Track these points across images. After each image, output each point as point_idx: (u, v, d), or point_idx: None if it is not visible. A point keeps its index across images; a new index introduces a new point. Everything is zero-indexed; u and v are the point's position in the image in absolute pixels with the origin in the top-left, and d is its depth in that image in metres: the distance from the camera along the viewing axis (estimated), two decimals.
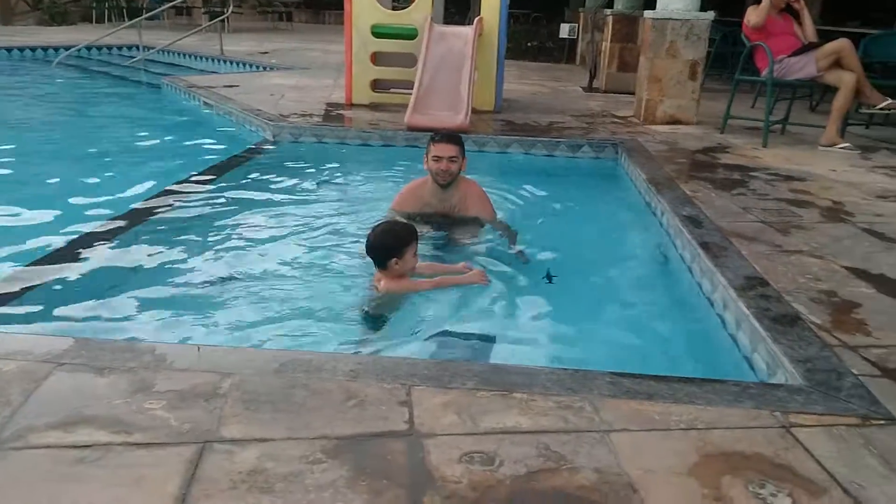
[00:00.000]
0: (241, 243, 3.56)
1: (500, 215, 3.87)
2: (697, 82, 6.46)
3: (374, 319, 2.85)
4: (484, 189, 3.87)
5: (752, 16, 5.68)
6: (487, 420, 1.77)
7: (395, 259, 2.88)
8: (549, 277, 3.21)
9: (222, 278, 3.14)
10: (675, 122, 6.49)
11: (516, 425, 1.75)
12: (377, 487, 1.51)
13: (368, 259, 2.98)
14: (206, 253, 3.41)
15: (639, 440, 1.72)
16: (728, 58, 8.88)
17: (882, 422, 1.85)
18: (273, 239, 3.63)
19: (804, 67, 5.55)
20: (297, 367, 1.99)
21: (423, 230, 3.50)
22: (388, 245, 2.89)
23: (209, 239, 3.59)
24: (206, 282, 3.09)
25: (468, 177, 3.83)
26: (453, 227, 3.70)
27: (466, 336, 2.69)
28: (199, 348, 2.17)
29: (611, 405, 1.86)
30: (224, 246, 3.52)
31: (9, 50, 11.98)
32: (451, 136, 3.70)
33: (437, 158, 3.60)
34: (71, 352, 2.03)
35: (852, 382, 2.03)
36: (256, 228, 3.77)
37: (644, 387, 1.96)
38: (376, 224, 3.07)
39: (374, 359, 2.10)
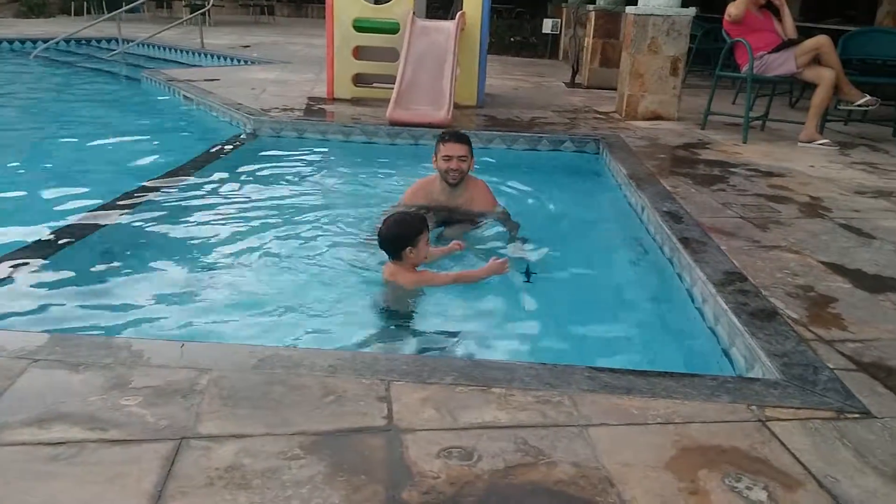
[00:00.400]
0: (221, 237, 3.53)
1: (500, 208, 3.90)
2: (679, 78, 6.50)
3: (395, 314, 2.86)
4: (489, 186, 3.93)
5: (732, 8, 5.71)
6: (466, 415, 1.77)
7: (409, 248, 2.89)
8: (527, 275, 3.22)
9: (201, 273, 3.12)
10: (656, 117, 6.52)
11: (495, 420, 1.76)
12: (355, 483, 1.50)
13: (374, 251, 2.97)
14: (185, 247, 3.38)
15: (617, 434, 1.73)
16: (710, 54, 8.92)
17: (857, 415, 1.87)
18: (253, 233, 3.60)
19: (784, 64, 5.60)
20: (276, 363, 1.98)
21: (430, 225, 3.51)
22: (402, 235, 2.90)
23: (188, 233, 3.56)
24: (184, 277, 3.07)
25: (475, 176, 3.88)
26: (459, 222, 3.76)
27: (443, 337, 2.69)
28: (177, 344, 2.15)
29: (589, 400, 1.87)
30: (203, 240, 3.49)
31: None
32: (461, 136, 3.75)
33: (448, 158, 3.65)
34: (46, 348, 2.01)
35: (828, 376, 2.05)
36: (235, 223, 3.75)
37: (623, 381, 1.97)
38: (386, 215, 3.02)
39: (352, 354, 2.09)
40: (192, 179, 4.35)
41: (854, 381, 2.03)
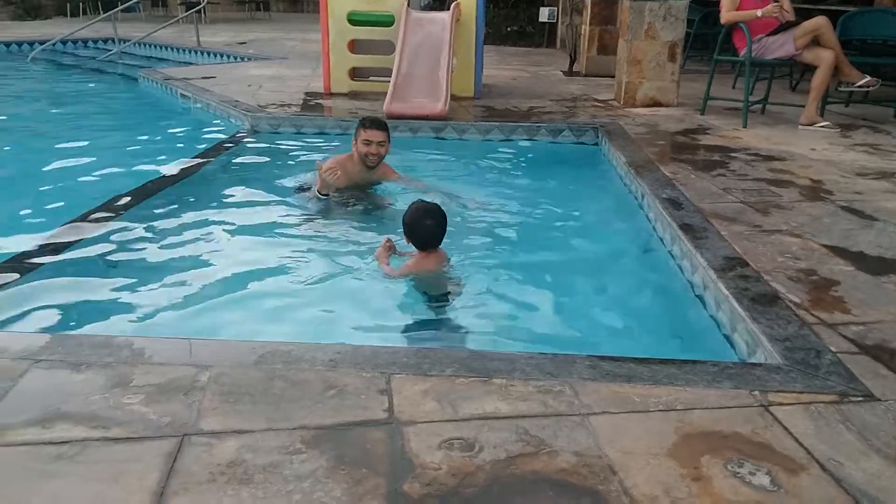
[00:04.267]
0: (221, 235, 3.53)
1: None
2: (677, 64, 6.47)
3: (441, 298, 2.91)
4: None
5: (724, 8, 5.66)
6: (467, 406, 1.77)
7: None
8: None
9: (201, 270, 3.11)
10: (655, 104, 6.49)
11: (496, 411, 1.75)
12: (357, 476, 1.51)
13: (403, 242, 3.00)
14: (185, 245, 3.38)
15: (618, 422, 1.73)
16: (708, 39, 8.88)
17: (860, 399, 1.87)
18: (252, 229, 3.60)
19: (782, 46, 5.56)
20: (276, 359, 1.98)
21: (349, 201, 3.92)
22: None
23: (188, 231, 3.56)
24: (185, 275, 3.06)
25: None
26: (374, 195, 4.09)
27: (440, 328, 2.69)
28: (178, 342, 2.15)
29: (591, 388, 1.87)
30: (203, 238, 3.48)
31: None
32: (380, 123, 4.07)
33: (368, 143, 3.95)
34: (48, 348, 2.01)
35: (830, 360, 2.05)
36: (235, 219, 3.74)
37: (624, 369, 1.97)
38: (417, 208, 2.96)
39: (353, 348, 2.08)
40: (190, 177, 4.35)
41: (857, 365, 2.03)
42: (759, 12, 5.52)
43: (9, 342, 2.06)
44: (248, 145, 5.38)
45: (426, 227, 2.90)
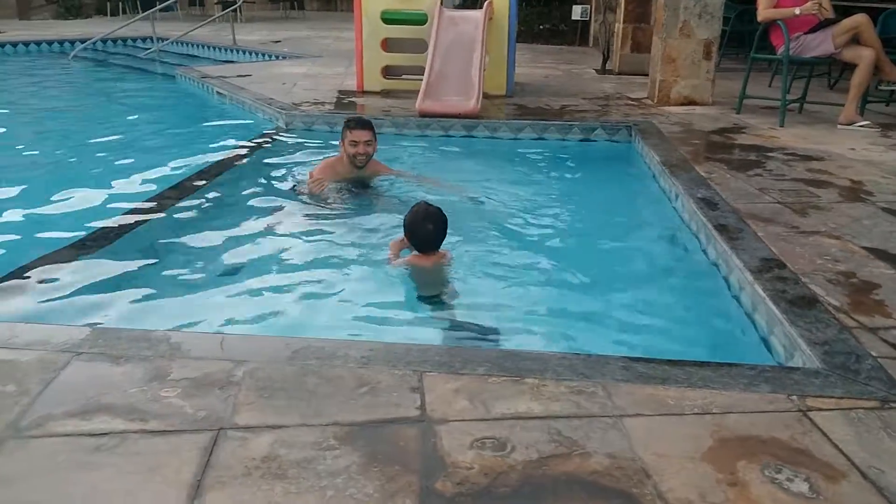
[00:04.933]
0: (257, 230, 3.57)
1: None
2: (712, 62, 6.37)
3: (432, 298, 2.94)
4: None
5: (761, 5, 5.56)
6: (499, 406, 1.77)
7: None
8: None
9: (237, 266, 3.15)
10: (689, 102, 6.41)
11: (528, 411, 1.75)
12: (389, 473, 1.51)
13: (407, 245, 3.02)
14: (222, 241, 3.42)
15: (652, 425, 1.71)
16: (744, 36, 8.74)
17: None
18: (288, 226, 3.63)
19: (821, 44, 5.44)
20: (310, 355, 2.00)
21: (343, 198, 3.97)
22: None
23: (224, 227, 3.60)
24: (221, 270, 3.11)
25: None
26: (368, 189, 4.14)
27: (471, 327, 2.68)
28: (214, 337, 2.18)
29: (624, 390, 1.85)
30: (239, 233, 3.53)
31: (26, 44, 12.10)
32: (366, 122, 4.09)
33: (354, 143, 3.97)
34: (88, 341, 2.06)
35: (871, 365, 2.00)
36: (270, 216, 3.78)
37: (658, 371, 1.95)
38: (417, 211, 2.96)
39: (385, 345, 2.10)
40: (225, 174, 4.40)
41: None
42: (797, 10, 5.41)
43: (51, 334, 2.10)
44: (283, 142, 5.43)
45: (426, 231, 2.92)
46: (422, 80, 6.07)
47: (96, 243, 3.24)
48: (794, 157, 4.54)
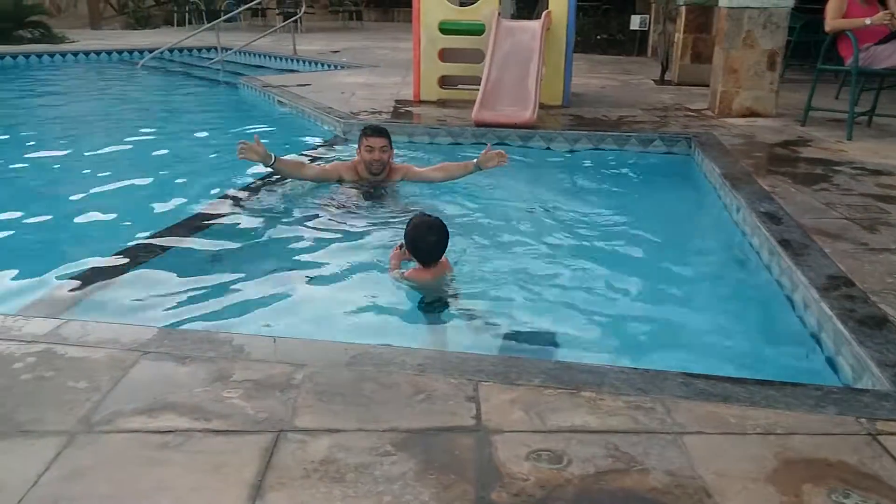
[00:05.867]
0: (317, 236, 3.62)
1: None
2: (776, 73, 6.22)
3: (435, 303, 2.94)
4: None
5: (829, 15, 5.40)
6: (555, 418, 1.76)
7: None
8: None
9: (298, 271, 3.21)
10: (752, 114, 6.26)
11: (584, 424, 1.73)
12: (445, 481, 1.52)
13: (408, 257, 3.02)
14: (283, 246, 3.50)
15: (713, 443, 1.68)
16: (810, 46, 8.50)
17: None
18: (346, 232, 3.68)
19: (892, 55, 5.25)
20: (367, 361, 2.02)
21: (361, 201, 4.02)
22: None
23: (286, 233, 3.68)
24: (283, 274, 3.17)
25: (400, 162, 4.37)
26: (387, 193, 4.15)
27: (531, 338, 2.67)
28: (274, 340, 2.23)
29: (684, 407, 1.82)
30: (300, 239, 3.59)
31: (97, 53, 12.62)
32: (381, 129, 4.18)
33: (370, 149, 4.05)
34: (155, 341, 2.13)
35: None
36: (330, 222, 3.84)
37: (719, 388, 1.91)
38: (417, 224, 2.96)
39: (441, 353, 2.11)
40: (288, 182, 4.49)
41: None
42: (867, 20, 5.24)
43: (120, 333, 2.19)
44: (341, 151, 5.52)
45: (427, 243, 2.92)
46: (478, 90, 6.09)
47: (162, 246, 3.36)
48: (862, 172, 4.39)
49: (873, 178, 4.25)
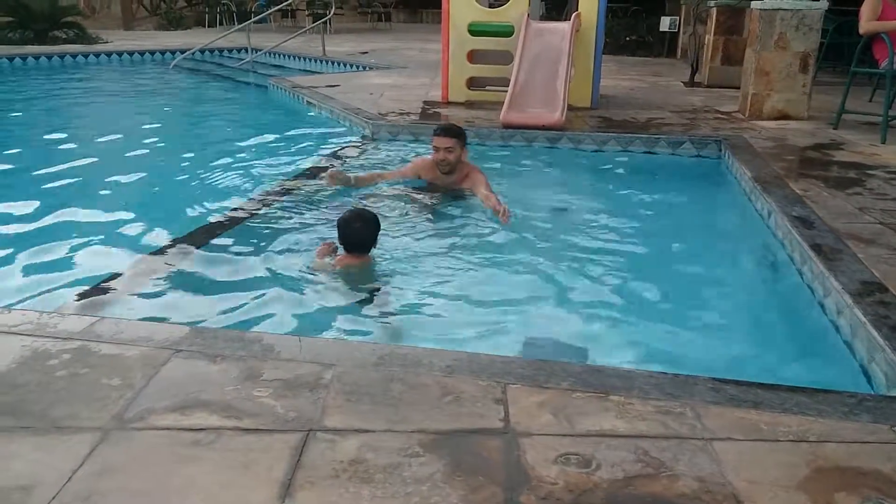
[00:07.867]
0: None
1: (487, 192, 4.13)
2: (809, 75, 6.13)
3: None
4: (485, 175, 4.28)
5: (864, 17, 5.30)
6: (584, 422, 1.75)
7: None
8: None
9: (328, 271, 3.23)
10: (783, 117, 6.18)
11: (613, 428, 1.73)
12: (474, 484, 1.52)
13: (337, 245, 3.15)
14: (311, 246, 3.53)
15: (744, 450, 1.66)
16: (843, 49, 8.36)
17: None
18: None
19: None
20: (395, 361, 2.03)
21: (427, 200, 4.08)
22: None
23: (316, 232, 3.71)
24: (312, 274, 3.20)
25: (473, 164, 4.33)
26: (446, 199, 4.17)
27: (558, 345, 2.66)
28: (303, 339, 2.25)
29: (714, 412, 1.80)
30: (328, 239, 3.62)
31: (130, 53, 12.86)
32: (449, 129, 4.22)
33: (437, 149, 4.13)
34: (187, 339, 2.16)
35: None
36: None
37: (750, 395, 1.89)
38: (351, 212, 3.21)
39: (469, 355, 2.11)
40: (315, 181, 4.53)
41: None
42: None
43: (153, 331, 2.22)
44: (369, 151, 5.55)
45: (352, 229, 3.07)
46: (506, 91, 6.09)
47: (193, 245, 3.40)
48: None
49: None
